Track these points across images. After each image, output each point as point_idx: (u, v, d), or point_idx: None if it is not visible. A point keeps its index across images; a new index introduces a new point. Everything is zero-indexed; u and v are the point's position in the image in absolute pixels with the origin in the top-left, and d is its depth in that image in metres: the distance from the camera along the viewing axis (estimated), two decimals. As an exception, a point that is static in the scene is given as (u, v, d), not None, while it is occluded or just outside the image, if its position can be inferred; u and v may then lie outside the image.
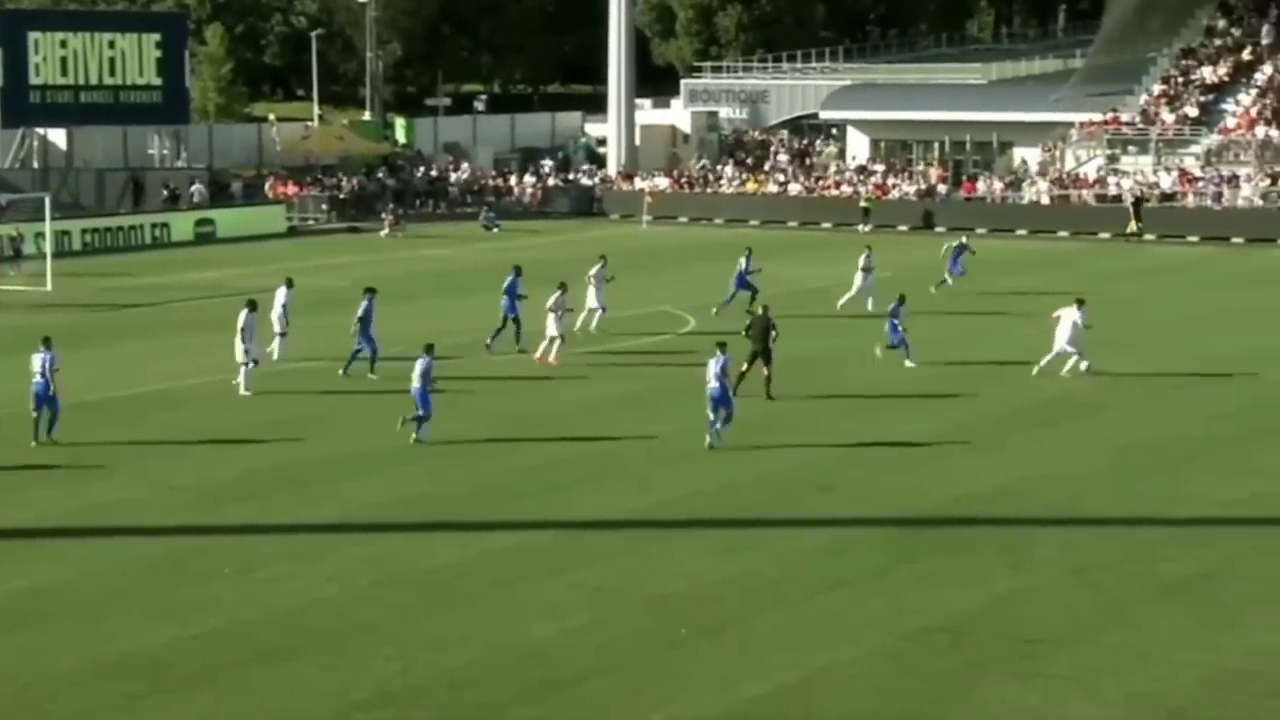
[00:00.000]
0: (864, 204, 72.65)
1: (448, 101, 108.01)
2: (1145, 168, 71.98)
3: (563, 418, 33.08)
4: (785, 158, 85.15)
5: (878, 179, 77.67)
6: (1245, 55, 76.90)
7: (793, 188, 78.86)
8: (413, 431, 30.63)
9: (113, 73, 74.04)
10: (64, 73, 72.68)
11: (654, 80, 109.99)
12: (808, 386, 35.57)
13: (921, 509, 26.28)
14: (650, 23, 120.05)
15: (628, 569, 23.35)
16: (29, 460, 29.52)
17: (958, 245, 50.75)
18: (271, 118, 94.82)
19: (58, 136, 77.19)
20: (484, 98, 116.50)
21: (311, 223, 75.44)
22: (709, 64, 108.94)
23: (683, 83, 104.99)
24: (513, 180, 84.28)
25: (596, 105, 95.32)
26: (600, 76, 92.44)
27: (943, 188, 75.29)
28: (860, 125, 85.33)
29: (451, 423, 32.38)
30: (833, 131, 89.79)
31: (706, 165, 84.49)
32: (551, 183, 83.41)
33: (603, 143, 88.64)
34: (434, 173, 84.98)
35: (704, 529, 25.50)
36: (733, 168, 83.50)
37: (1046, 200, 71.87)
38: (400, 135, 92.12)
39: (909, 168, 79.77)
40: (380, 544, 24.82)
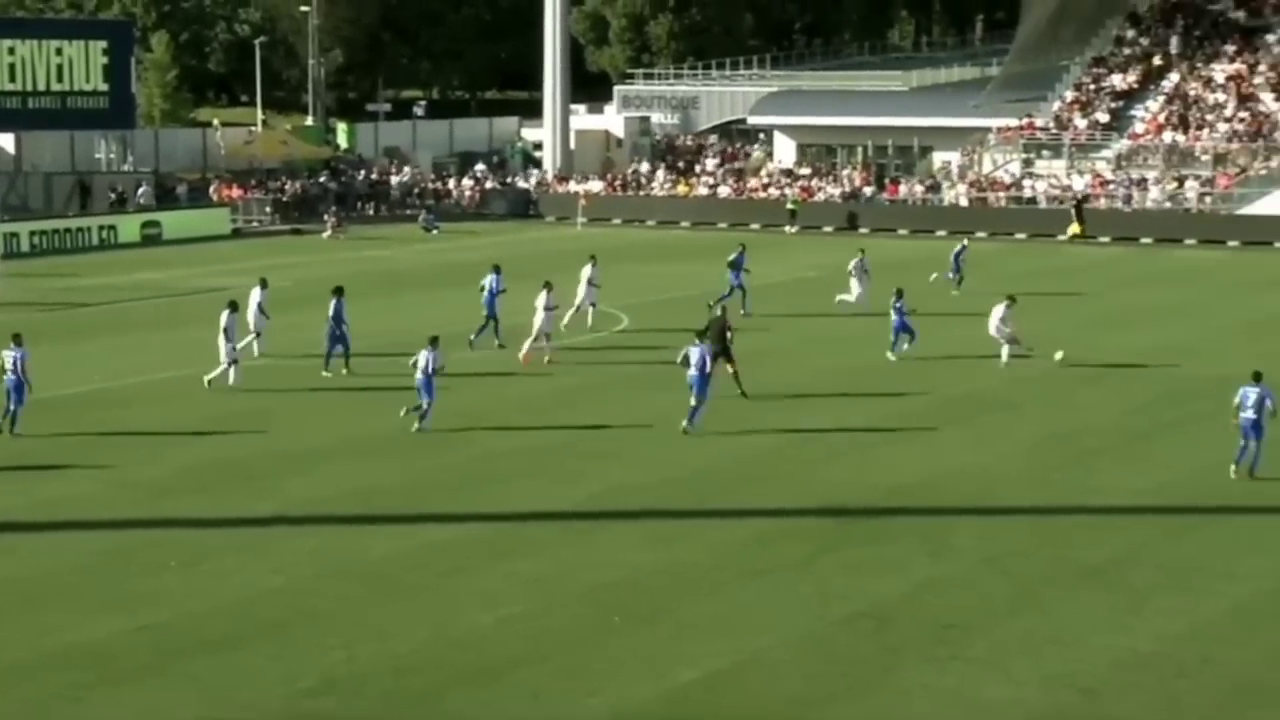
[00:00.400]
0: (791, 206, 72.91)
1: (388, 107, 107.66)
2: (1059, 171, 72.51)
3: (499, 413, 33.05)
4: (713, 162, 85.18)
5: (804, 182, 77.91)
6: (1156, 61, 77.57)
7: (722, 190, 79.01)
8: (416, 421, 31.01)
9: (60, 79, 73.31)
10: (12, 79, 71.91)
11: (588, 87, 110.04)
12: (731, 384, 35.69)
13: (846, 500, 26.43)
14: (584, 31, 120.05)
15: (564, 559, 23.38)
16: (-20, 457, 29.33)
17: (959, 247, 50.98)
18: (216, 123, 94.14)
19: (6, 141, 76.42)
20: (423, 103, 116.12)
21: (256, 225, 75.00)
22: (641, 71, 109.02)
23: (616, 89, 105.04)
24: (451, 183, 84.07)
25: (533, 111, 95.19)
26: (536, 83, 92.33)
27: (868, 190, 75.61)
28: (787, 130, 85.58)
29: (386, 419, 32.32)
30: (760, 136, 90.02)
31: (639, 170, 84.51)
32: (489, 185, 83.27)
33: (539, 147, 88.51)
34: (375, 176, 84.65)
35: (638, 520, 25.55)
36: (664, 171, 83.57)
37: (965, 202, 72.31)
38: (342, 140, 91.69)
39: (834, 171, 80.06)
40: (324, 537, 24.75)
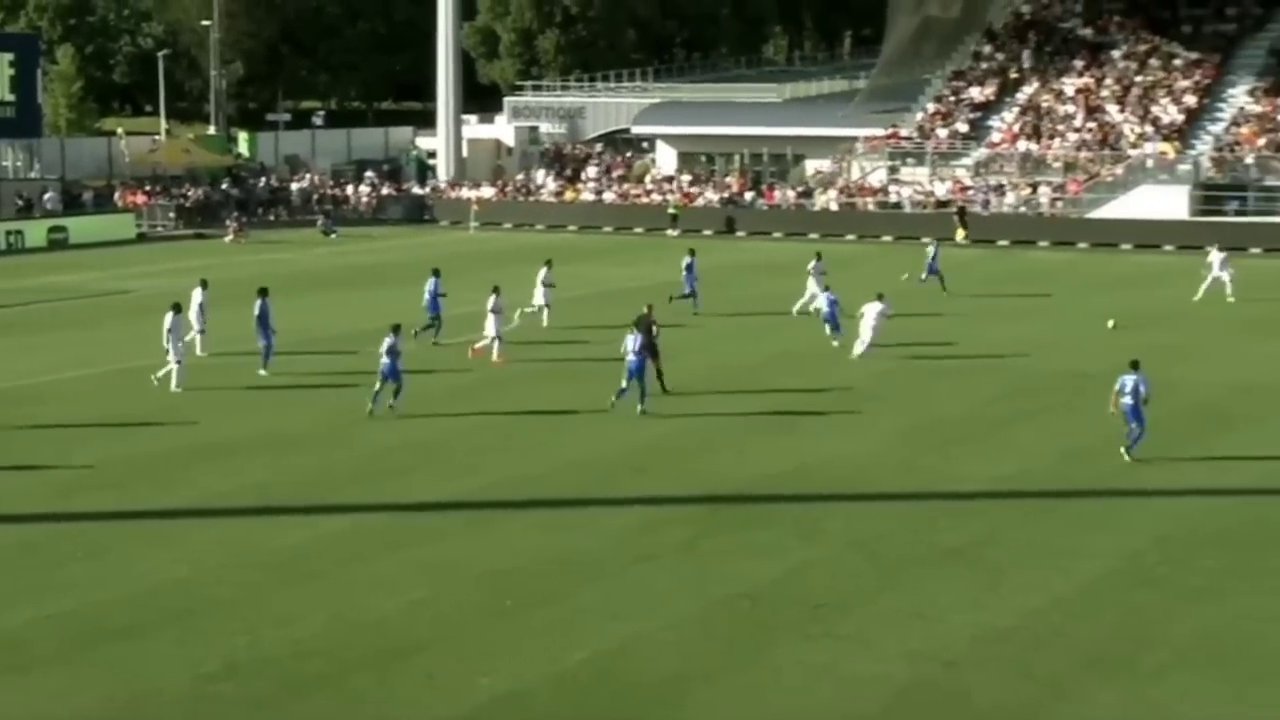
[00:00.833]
0: (672, 211, 73.09)
1: (287, 117, 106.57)
2: (922, 178, 73.28)
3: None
4: (594, 171, 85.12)
5: (684, 188, 78.12)
6: (1012, 74, 78.60)
7: (607, 196, 79.04)
8: (389, 400, 31.67)
9: (-32, 90, 72.05)
10: (-80, 89, 70.59)
11: (480, 98, 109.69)
12: (618, 380, 35.78)
13: (724, 488, 26.56)
14: (476, 45, 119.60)
15: (460, 547, 23.32)
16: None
17: (933, 250, 50.81)
18: (120, 131, 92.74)
19: (-84, 149, 74.93)
20: (322, 113, 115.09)
21: (160, 229, 74.01)
22: (530, 83, 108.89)
23: (506, 100, 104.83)
24: (349, 190, 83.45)
25: (427, 120, 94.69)
26: (430, 94, 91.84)
27: (748, 195, 75.91)
28: (668, 139, 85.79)
29: (293, 415, 32.10)
30: (643, 145, 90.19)
31: (529, 176, 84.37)
32: (385, 192, 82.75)
33: (433, 155, 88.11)
34: (275, 183, 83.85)
35: (530, 509, 25.53)
36: (553, 178, 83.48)
37: (835, 207, 72.86)
38: (243, 148, 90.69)
39: (712, 178, 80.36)
40: (228, 527, 24.50)
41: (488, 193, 79.70)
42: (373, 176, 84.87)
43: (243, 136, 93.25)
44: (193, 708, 17.50)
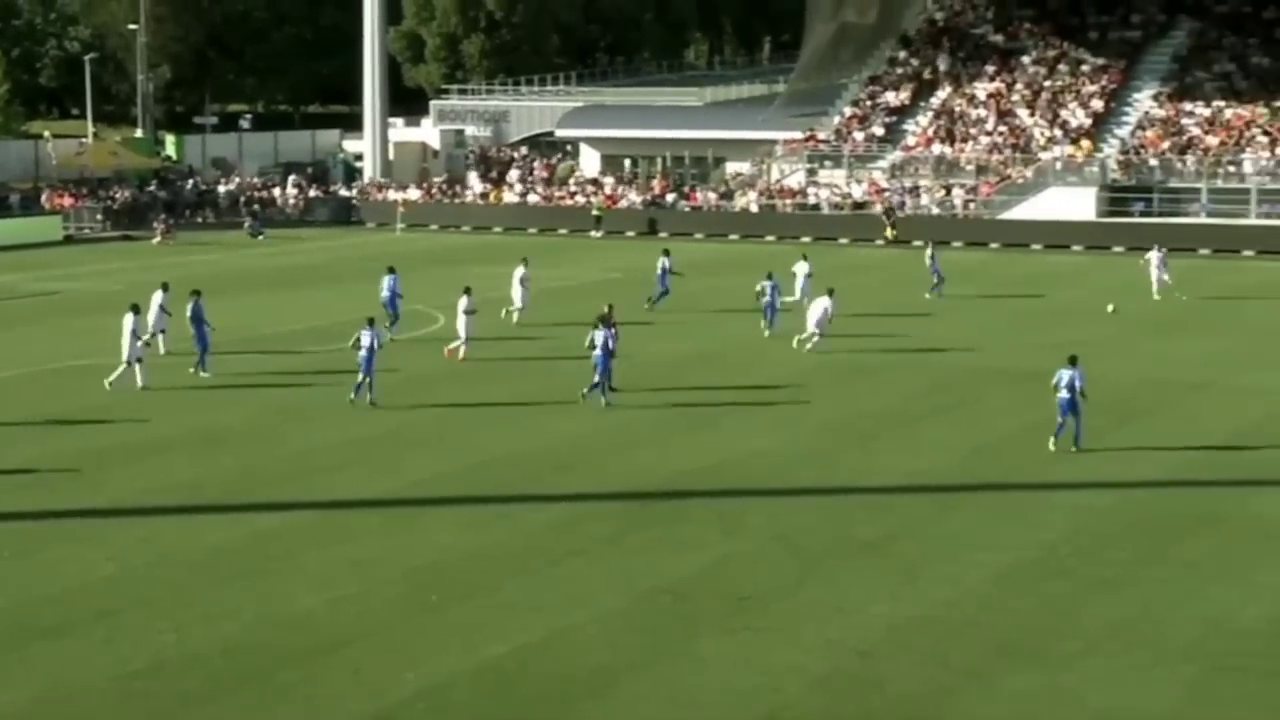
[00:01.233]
0: (596, 213, 73.02)
1: (215, 120, 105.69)
2: (839, 180, 73.62)
3: (322, 408, 32.65)
4: (516, 174, 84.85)
5: (608, 190, 78.09)
6: (926, 75, 79.12)
7: (532, 198, 78.87)
8: (364, 394, 32.06)
9: (-106, 93, 70.91)
10: None
11: (406, 101, 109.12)
12: (546, 378, 35.76)
13: (647, 484, 26.56)
14: (402, 49, 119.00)
15: (386, 544, 23.18)
16: None
17: (930, 254, 50.49)
18: (47, 134, 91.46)
19: None
20: (249, 116, 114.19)
21: (87, 231, 73.10)
22: (456, 87, 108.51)
23: (432, 103, 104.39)
24: (276, 192, 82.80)
25: (353, 124, 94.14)
26: (356, 97, 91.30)
27: (670, 197, 75.94)
28: (592, 142, 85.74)
29: (222, 414, 31.81)
30: (567, 148, 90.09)
31: (463, 178, 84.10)
32: (312, 194, 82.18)
33: (360, 158, 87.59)
34: (203, 185, 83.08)
35: (455, 506, 25.42)
36: (479, 180, 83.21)
37: (755, 209, 73.06)
38: (170, 151, 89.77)
39: (635, 180, 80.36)
40: (155, 526, 24.23)
41: (414, 195, 79.34)
42: (298, 179, 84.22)
43: (170, 139, 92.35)
44: (120, 705, 17.29)
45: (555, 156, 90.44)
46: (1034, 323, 44.18)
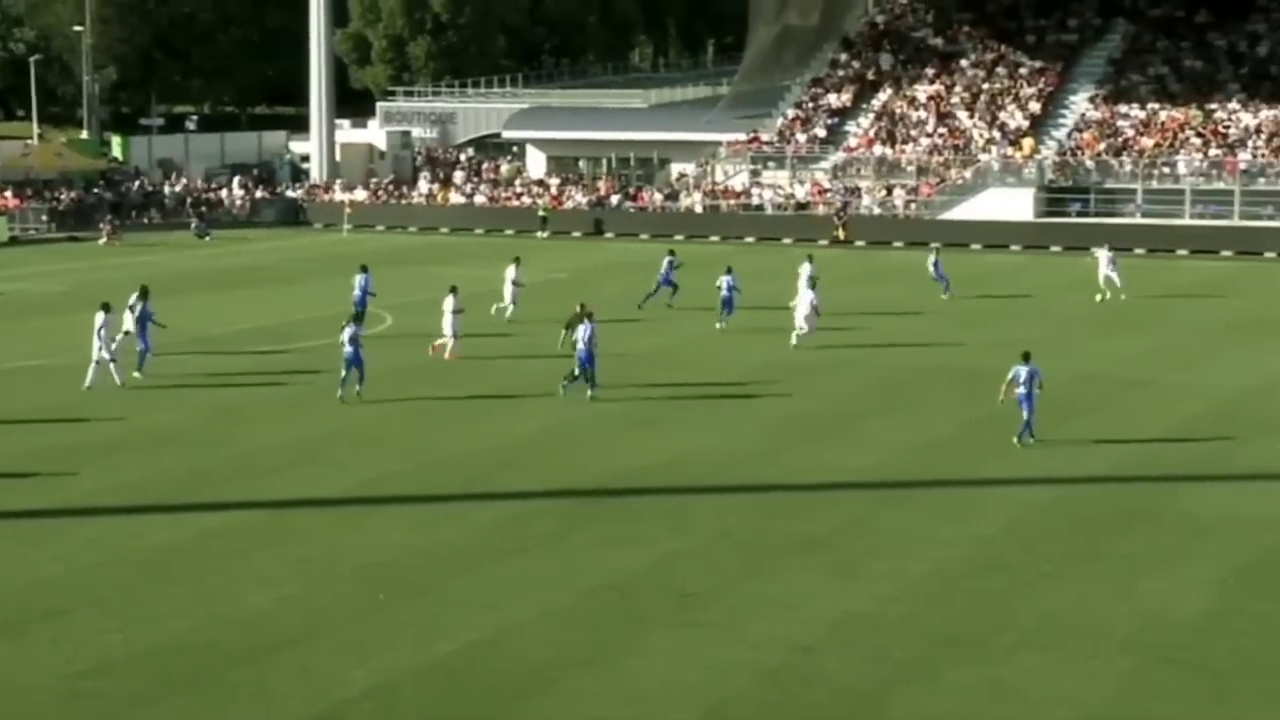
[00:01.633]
0: (542, 213, 72.94)
1: (161, 121, 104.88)
2: (783, 181, 73.83)
3: (268, 408, 32.50)
4: (461, 175, 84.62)
5: (554, 190, 78.02)
6: (870, 75, 79.42)
7: (478, 199, 78.70)
8: (354, 387, 32.23)
9: None
10: None
11: (352, 103, 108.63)
12: (496, 377, 35.71)
13: (593, 481, 26.55)
14: (348, 51, 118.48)
15: (334, 543, 23.08)
16: None
17: (934, 258, 49.74)
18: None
19: None
20: (195, 118, 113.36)
21: (33, 232, 72.42)
22: (402, 89, 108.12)
23: (378, 105, 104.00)
24: (223, 193, 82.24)
25: (300, 125, 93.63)
26: (303, 99, 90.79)
27: (615, 199, 75.94)
28: (538, 143, 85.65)
29: (170, 414, 31.60)
30: (514, 149, 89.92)
31: (401, 179, 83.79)
32: (260, 195, 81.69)
33: (306, 159, 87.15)
34: (149, 186, 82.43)
35: (401, 505, 25.34)
36: (426, 181, 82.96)
37: (700, 209, 73.19)
38: (116, 152, 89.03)
39: (581, 181, 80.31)
40: (102, 527, 24.04)
41: (361, 196, 79.02)
42: (240, 180, 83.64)
43: (116, 140, 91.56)
44: (67, 705, 17.14)
45: (510, 157, 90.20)
46: (976, 321, 44.45)
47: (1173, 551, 22.69)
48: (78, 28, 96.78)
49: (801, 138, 76.68)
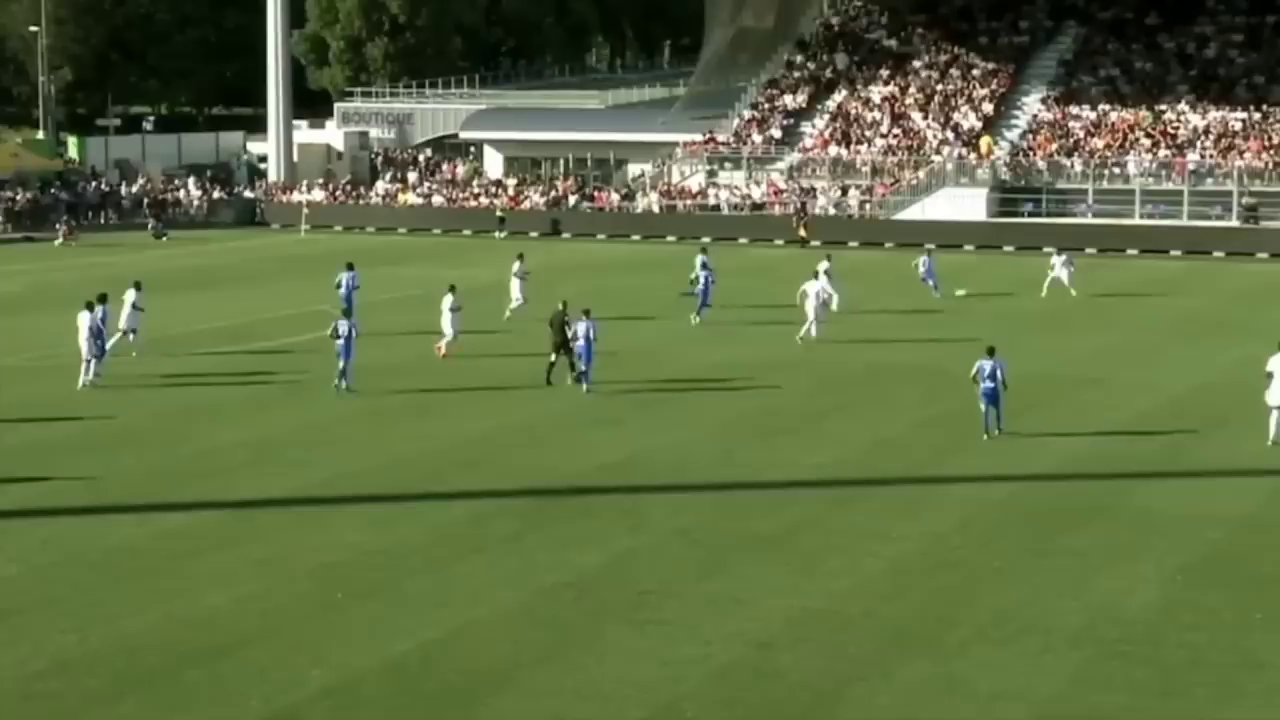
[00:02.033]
0: (499, 214, 72.82)
1: (118, 122, 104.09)
2: (739, 182, 73.93)
3: (225, 408, 32.31)
4: (414, 177, 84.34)
5: (511, 191, 77.87)
6: (825, 76, 79.59)
7: (436, 199, 78.49)
8: (342, 381, 32.88)
9: None
10: None
11: (310, 103, 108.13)
12: (452, 374, 35.62)
13: (551, 480, 26.52)
14: (305, 52, 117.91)
15: (291, 542, 22.97)
16: None
17: (925, 259, 49.47)
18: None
19: None
20: (152, 118, 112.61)
21: (-11, 233, 71.94)
22: (360, 90, 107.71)
23: (336, 106, 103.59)
24: (181, 193, 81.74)
25: (258, 125, 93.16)
26: (260, 99, 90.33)
27: (573, 199, 75.84)
28: (495, 144, 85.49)
29: (127, 413, 31.38)
30: (471, 150, 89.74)
31: (359, 180, 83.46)
32: (217, 195, 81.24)
33: (264, 160, 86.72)
34: (106, 187, 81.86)
35: (359, 504, 25.25)
36: (384, 182, 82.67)
37: (657, 209, 73.22)
38: (73, 152, 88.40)
39: (539, 181, 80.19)
40: (58, 526, 23.86)
41: (318, 196, 78.69)
42: (195, 180, 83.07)
43: (72, 141, 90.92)
44: (22, 706, 17.00)
45: (470, 157, 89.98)
46: (931, 320, 44.61)
47: (1124, 547, 22.83)
48: (33, 28, 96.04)
49: (757, 138, 76.81)
